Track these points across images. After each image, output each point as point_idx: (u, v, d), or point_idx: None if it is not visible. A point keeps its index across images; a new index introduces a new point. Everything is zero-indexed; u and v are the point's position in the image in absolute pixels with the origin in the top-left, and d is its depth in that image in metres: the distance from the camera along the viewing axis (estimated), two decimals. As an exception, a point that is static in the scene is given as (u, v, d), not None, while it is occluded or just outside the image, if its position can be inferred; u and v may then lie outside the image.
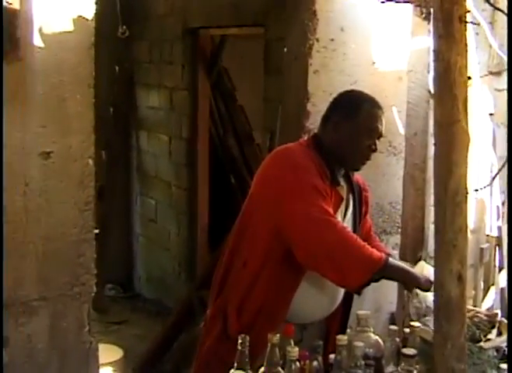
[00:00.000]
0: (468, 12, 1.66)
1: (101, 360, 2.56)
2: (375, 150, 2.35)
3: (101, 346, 2.54)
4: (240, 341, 1.85)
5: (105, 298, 5.34)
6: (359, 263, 2.09)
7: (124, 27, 3.38)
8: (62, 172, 2.27)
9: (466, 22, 1.64)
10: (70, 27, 2.20)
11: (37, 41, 2.13)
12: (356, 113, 2.31)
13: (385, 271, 2.11)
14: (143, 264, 5.91)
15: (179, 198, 5.34)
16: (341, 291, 2.41)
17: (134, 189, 5.97)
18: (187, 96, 5.11)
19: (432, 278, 1.82)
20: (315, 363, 1.88)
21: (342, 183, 2.37)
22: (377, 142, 2.34)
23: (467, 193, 1.68)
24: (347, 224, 2.34)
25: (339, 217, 2.29)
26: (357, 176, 2.50)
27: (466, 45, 1.65)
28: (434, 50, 1.67)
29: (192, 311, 4.24)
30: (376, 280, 2.15)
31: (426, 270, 2.29)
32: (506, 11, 2.17)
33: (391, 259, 2.17)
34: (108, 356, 3.54)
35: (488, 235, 3.66)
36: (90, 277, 2.39)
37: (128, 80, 5.72)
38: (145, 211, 5.84)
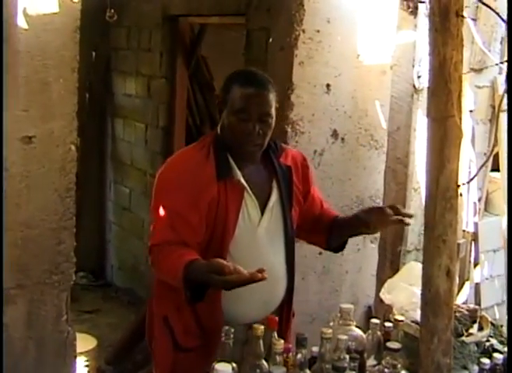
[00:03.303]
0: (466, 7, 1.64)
1: (75, 350, 2.51)
2: (260, 133, 2.06)
3: (74, 336, 2.49)
4: (223, 333, 1.84)
5: (76, 286, 5.27)
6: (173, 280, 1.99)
7: (113, 11, 3.27)
8: (44, 158, 2.21)
9: (463, 16, 1.63)
10: (55, 9, 2.14)
11: (21, 22, 2.07)
12: (227, 96, 2.09)
13: (191, 274, 1.89)
14: (116, 253, 5.85)
15: (154, 187, 5.28)
16: (279, 290, 2.24)
17: (108, 177, 5.90)
18: (165, 85, 5.04)
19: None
20: (299, 355, 1.87)
21: (257, 170, 2.17)
22: (269, 123, 2.07)
23: (458, 188, 1.68)
24: (270, 213, 2.16)
25: (253, 209, 2.13)
26: (295, 154, 2.30)
27: (462, 40, 1.64)
28: (430, 45, 1.66)
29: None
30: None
31: (416, 269, 2.26)
32: (495, 8, 2.17)
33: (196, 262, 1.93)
34: (82, 345, 3.48)
35: (464, 231, 3.69)
36: (70, 265, 2.34)
37: (105, 66, 5.62)
38: (119, 199, 5.77)
